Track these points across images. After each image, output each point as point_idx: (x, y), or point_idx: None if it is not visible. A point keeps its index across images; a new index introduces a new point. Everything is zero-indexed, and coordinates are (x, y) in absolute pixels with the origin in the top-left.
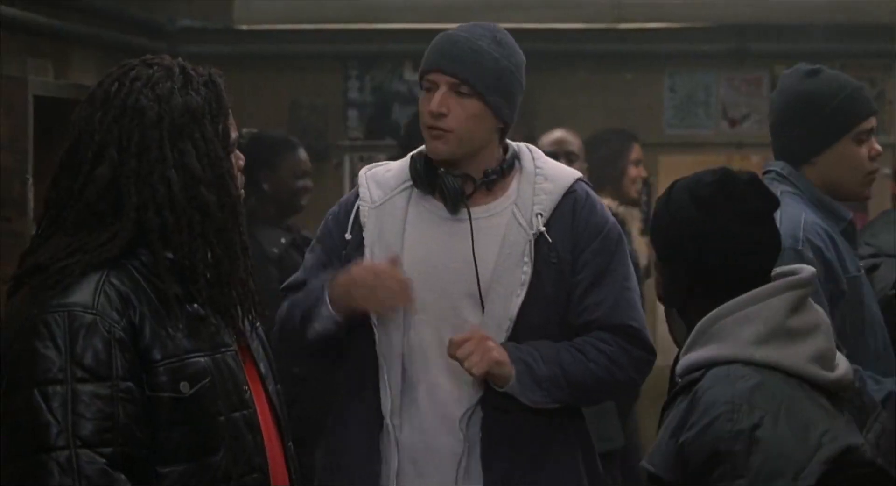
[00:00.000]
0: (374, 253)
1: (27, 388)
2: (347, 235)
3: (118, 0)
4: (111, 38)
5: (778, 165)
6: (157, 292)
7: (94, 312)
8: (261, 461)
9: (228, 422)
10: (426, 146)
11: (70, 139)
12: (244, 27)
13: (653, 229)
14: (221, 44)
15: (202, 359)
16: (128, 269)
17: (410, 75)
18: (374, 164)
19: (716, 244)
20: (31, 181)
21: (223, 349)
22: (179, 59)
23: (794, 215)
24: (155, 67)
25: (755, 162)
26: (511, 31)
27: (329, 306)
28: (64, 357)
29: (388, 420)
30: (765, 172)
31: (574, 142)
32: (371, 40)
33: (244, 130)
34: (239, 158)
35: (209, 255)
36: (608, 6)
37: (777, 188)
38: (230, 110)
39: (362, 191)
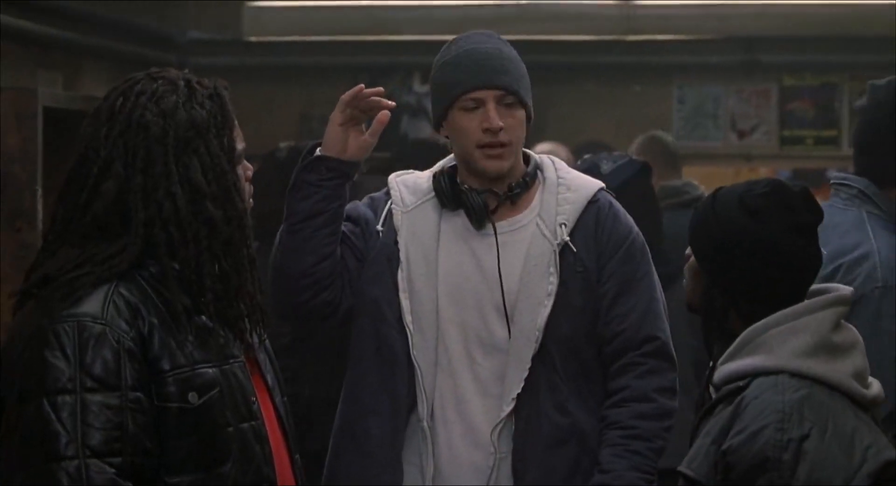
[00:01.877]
0: (410, 255)
1: (36, 398)
2: (379, 227)
3: (128, 12)
4: (121, 50)
5: (861, 183)
6: (165, 303)
7: (103, 322)
8: (269, 472)
9: (237, 433)
10: (480, 165)
11: (76, 154)
12: (254, 39)
13: (694, 236)
14: (232, 56)
15: (211, 370)
16: (137, 279)
17: (420, 87)
18: (402, 172)
19: (764, 254)
20: (40, 192)
21: (231, 361)
22: (185, 71)
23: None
24: (160, 81)
25: (763, 174)
26: (520, 42)
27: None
28: (73, 367)
29: (425, 424)
30: (839, 184)
31: (562, 154)
32: (381, 52)
33: (282, 144)
34: (247, 169)
35: (216, 268)
36: (617, 18)
37: (858, 207)
38: (236, 122)
39: (394, 193)
